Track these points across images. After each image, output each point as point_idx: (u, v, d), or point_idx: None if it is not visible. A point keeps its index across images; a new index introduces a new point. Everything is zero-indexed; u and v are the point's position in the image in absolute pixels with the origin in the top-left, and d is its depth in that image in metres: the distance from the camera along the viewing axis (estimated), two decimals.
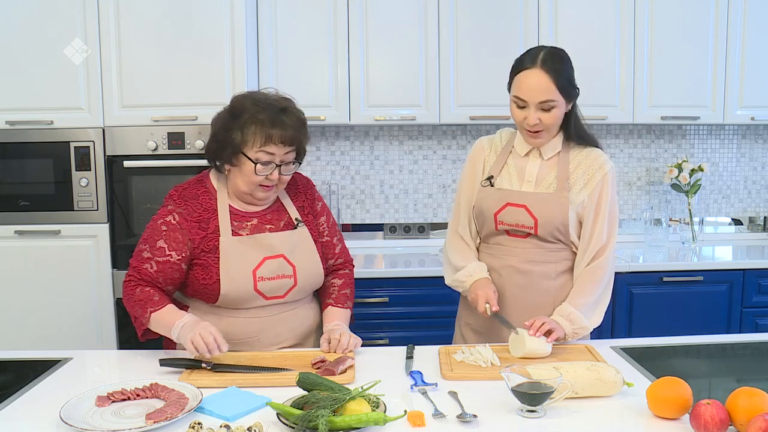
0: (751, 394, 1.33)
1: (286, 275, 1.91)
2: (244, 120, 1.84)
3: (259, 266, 1.88)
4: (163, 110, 2.95)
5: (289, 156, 1.88)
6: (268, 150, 1.83)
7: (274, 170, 1.86)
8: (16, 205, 2.95)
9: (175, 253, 1.86)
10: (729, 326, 3.17)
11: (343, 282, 2.07)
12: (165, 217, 1.89)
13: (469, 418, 1.41)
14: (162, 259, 1.86)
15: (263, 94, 1.92)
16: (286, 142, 1.84)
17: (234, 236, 1.89)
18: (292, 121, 1.86)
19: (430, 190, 3.70)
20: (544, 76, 1.85)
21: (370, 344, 1.97)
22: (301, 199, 2.03)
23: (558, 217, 1.93)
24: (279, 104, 1.87)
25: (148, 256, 1.87)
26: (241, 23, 2.94)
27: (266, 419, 1.41)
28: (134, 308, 1.87)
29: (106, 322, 2.98)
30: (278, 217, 1.97)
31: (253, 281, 1.87)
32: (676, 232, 3.73)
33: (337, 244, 2.08)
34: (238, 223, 1.91)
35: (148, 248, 1.87)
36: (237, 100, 1.90)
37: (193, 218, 1.89)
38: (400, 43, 3.25)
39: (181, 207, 1.90)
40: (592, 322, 1.93)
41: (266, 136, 1.82)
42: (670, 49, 3.32)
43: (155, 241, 1.87)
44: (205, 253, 1.88)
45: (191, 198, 1.91)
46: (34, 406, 1.53)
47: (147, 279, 1.87)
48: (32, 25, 2.88)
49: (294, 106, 1.91)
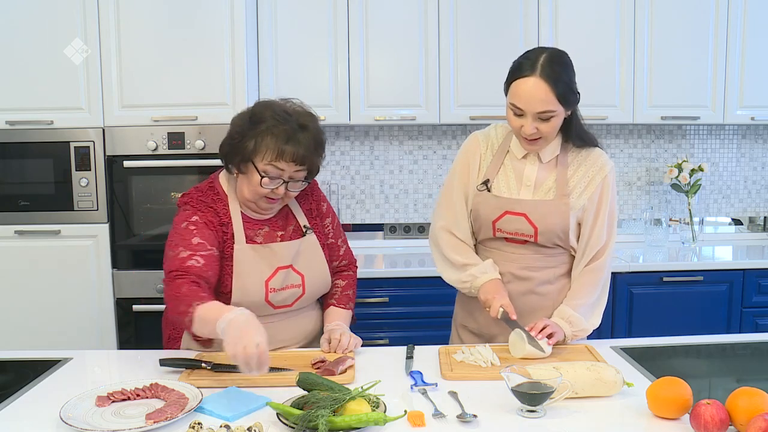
0: (751, 394, 1.33)
1: (294, 285, 1.90)
2: (260, 130, 1.80)
3: (272, 277, 1.87)
4: (163, 110, 2.94)
5: (299, 174, 1.84)
6: (277, 165, 1.79)
7: (281, 186, 1.83)
8: (16, 205, 2.96)
9: (215, 249, 1.82)
10: (729, 326, 3.17)
11: (347, 283, 2.07)
12: (189, 219, 1.84)
13: (469, 418, 1.41)
14: (206, 253, 1.79)
15: (287, 106, 1.87)
16: (297, 160, 1.80)
17: (249, 244, 1.87)
18: (308, 141, 1.81)
19: (430, 190, 3.70)
20: (543, 85, 1.76)
21: (370, 344, 1.97)
22: (308, 201, 2.01)
23: (559, 224, 1.90)
24: (299, 120, 1.83)
25: (189, 253, 1.77)
26: (241, 23, 2.94)
27: (266, 419, 1.41)
28: (177, 304, 1.71)
29: (106, 322, 2.98)
30: (286, 224, 1.96)
31: (265, 292, 1.86)
32: (676, 232, 3.73)
33: (341, 246, 2.07)
34: (251, 231, 1.89)
35: (184, 248, 1.79)
36: (259, 107, 1.86)
37: (216, 222, 1.86)
38: (400, 43, 3.25)
39: (201, 211, 1.86)
40: (591, 324, 1.93)
41: (278, 152, 1.78)
42: (670, 49, 3.32)
43: (190, 240, 1.80)
44: (223, 259, 1.85)
45: (209, 203, 1.88)
46: (34, 406, 1.53)
47: (196, 274, 1.75)
48: (32, 25, 2.88)
49: (315, 126, 1.86)
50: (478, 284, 1.93)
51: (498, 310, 1.85)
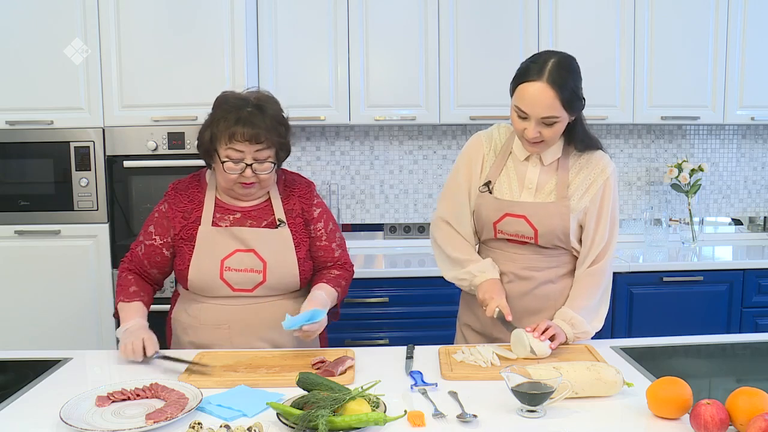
0: (751, 394, 1.33)
1: (255, 270, 1.93)
2: (215, 119, 1.89)
3: (229, 257, 1.92)
4: (163, 110, 2.95)
5: (261, 154, 1.88)
6: (234, 147, 1.85)
7: (246, 169, 1.87)
8: (16, 205, 2.96)
9: (159, 238, 1.98)
10: (729, 326, 3.17)
11: (341, 273, 2.05)
12: (159, 207, 2.03)
13: (469, 418, 1.41)
14: (148, 243, 1.99)
15: (242, 93, 1.94)
16: (251, 139, 1.84)
17: (213, 227, 1.95)
18: (262, 119, 1.86)
19: (430, 190, 3.70)
20: (549, 91, 1.77)
21: (370, 344, 1.97)
22: (292, 202, 2.02)
23: (559, 226, 1.91)
24: (256, 103, 1.89)
25: (140, 239, 2.02)
26: (241, 23, 2.94)
27: (266, 419, 1.41)
28: (117, 289, 2.02)
29: (106, 322, 2.98)
30: (262, 216, 1.98)
31: (220, 270, 1.92)
32: (676, 232, 3.73)
33: (336, 249, 2.06)
34: (221, 215, 1.97)
35: (142, 233, 2.02)
36: (217, 97, 1.96)
37: (179, 208, 1.98)
38: (400, 43, 3.25)
39: (172, 198, 2.00)
40: (593, 327, 1.93)
41: (230, 134, 1.85)
42: (670, 49, 3.32)
43: (147, 227, 2.02)
44: (184, 242, 1.96)
45: (182, 190, 2.02)
46: (34, 406, 1.53)
47: (136, 261, 2.02)
48: (32, 25, 2.88)
49: (272, 106, 1.92)
50: (477, 283, 1.95)
51: (494, 310, 1.86)
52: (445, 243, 2.03)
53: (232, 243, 1.93)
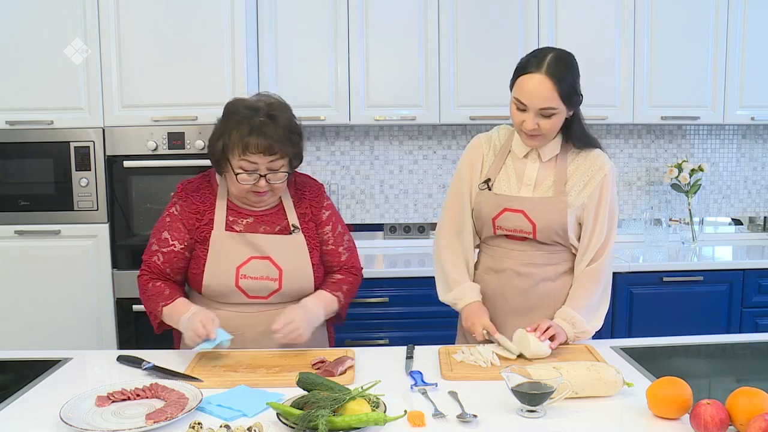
0: (751, 394, 1.33)
1: (270, 278, 1.92)
2: (227, 128, 1.85)
3: (244, 264, 1.90)
4: (163, 110, 2.95)
5: (275, 164, 1.86)
6: (248, 159, 1.83)
7: (260, 179, 1.86)
8: (16, 205, 2.96)
9: (178, 243, 1.93)
10: (729, 326, 3.17)
11: (344, 278, 2.04)
12: (169, 210, 1.97)
13: (469, 418, 1.41)
14: (167, 250, 1.92)
15: (253, 100, 1.90)
16: (265, 151, 1.82)
17: (227, 231, 1.92)
18: (275, 130, 1.83)
19: (430, 190, 3.70)
20: (547, 82, 1.81)
21: (370, 344, 1.97)
22: (304, 205, 2.01)
23: (556, 221, 1.92)
24: (268, 112, 1.85)
25: (156, 248, 1.94)
26: (241, 23, 2.94)
27: (266, 419, 1.41)
28: (148, 303, 1.93)
29: (106, 322, 2.98)
30: (275, 220, 1.97)
31: (236, 277, 1.90)
32: (676, 232, 3.73)
33: (343, 253, 2.05)
34: (234, 218, 1.94)
35: (155, 241, 1.95)
36: (227, 106, 1.91)
37: (192, 210, 1.95)
38: (400, 43, 3.25)
39: (183, 199, 1.96)
40: (593, 326, 1.93)
41: (243, 145, 1.82)
42: (670, 49, 3.32)
43: (161, 233, 1.94)
44: (198, 244, 1.93)
45: (193, 191, 1.97)
46: (34, 406, 1.53)
47: (156, 271, 1.94)
48: (32, 25, 2.88)
49: (286, 115, 1.88)
50: (460, 309, 2.00)
51: (481, 333, 1.89)
52: (448, 264, 2.04)
53: (246, 250, 1.91)
